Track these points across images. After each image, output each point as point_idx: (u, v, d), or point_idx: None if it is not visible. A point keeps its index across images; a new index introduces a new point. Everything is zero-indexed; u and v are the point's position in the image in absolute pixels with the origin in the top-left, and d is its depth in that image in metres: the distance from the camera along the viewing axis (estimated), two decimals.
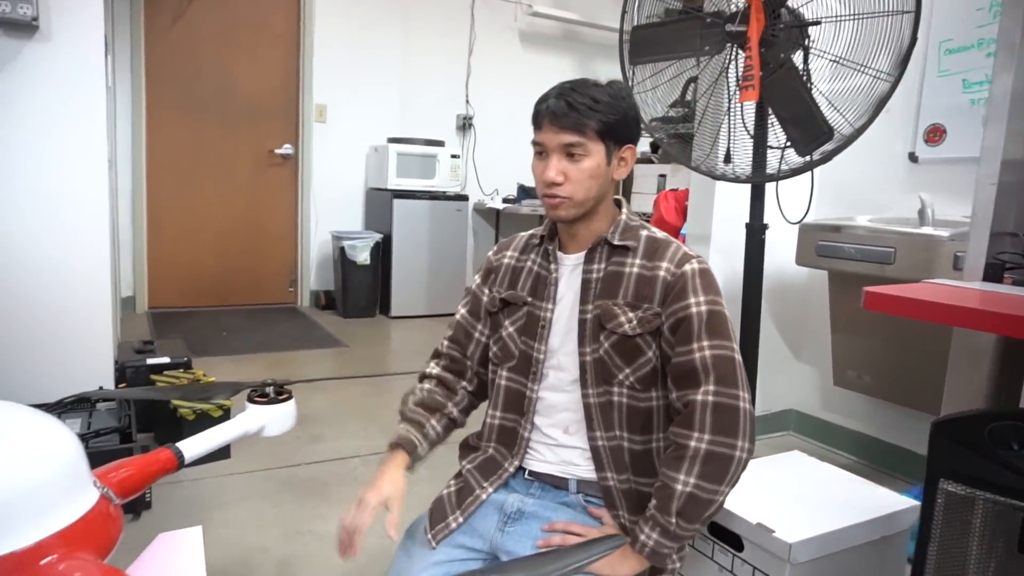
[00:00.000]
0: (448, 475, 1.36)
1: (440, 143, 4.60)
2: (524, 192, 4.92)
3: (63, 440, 0.90)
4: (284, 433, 1.43)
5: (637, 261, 1.24)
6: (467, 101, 5.03)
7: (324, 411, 2.67)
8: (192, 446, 1.26)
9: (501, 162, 5.13)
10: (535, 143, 1.23)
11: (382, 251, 4.38)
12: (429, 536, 1.33)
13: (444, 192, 4.56)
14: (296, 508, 1.94)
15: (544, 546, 1.21)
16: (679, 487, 1.11)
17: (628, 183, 4.42)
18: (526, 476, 1.33)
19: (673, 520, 1.13)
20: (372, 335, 4.08)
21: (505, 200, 4.93)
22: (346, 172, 4.68)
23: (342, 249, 4.29)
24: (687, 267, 1.20)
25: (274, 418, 1.41)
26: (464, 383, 1.41)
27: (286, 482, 2.09)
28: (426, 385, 1.41)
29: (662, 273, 1.20)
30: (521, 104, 5.11)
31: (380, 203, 4.51)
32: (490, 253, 1.44)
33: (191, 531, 1.15)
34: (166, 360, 2.29)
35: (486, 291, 1.39)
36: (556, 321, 1.29)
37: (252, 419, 1.38)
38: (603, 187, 1.26)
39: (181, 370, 2.31)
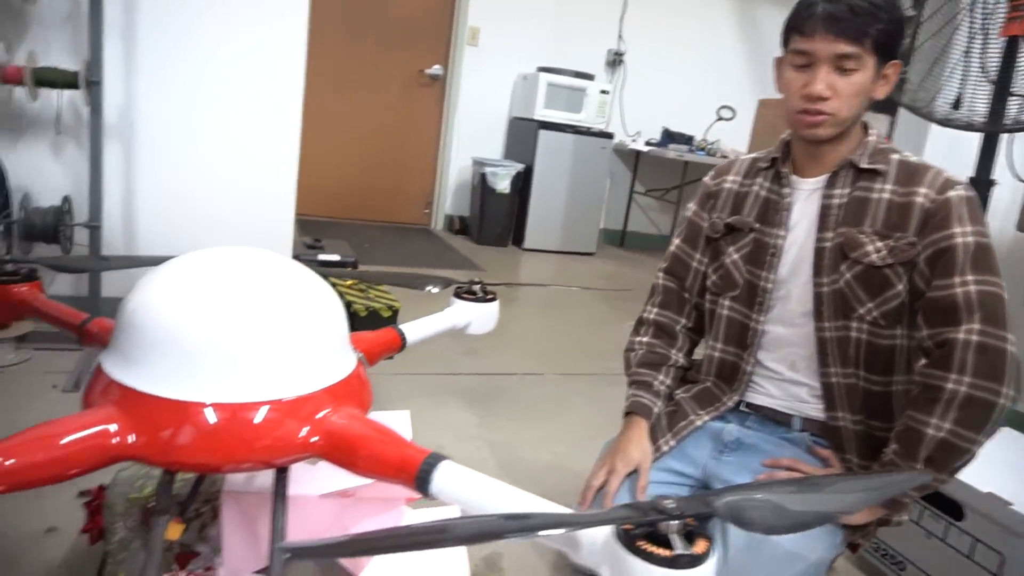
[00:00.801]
0: None
1: (590, 76, 4.46)
2: (669, 136, 4.73)
3: (337, 299, 0.90)
4: (486, 333, 1.41)
5: (888, 186, 1.12)
6: (620, 36, 4.84)
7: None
8: (413, 330, 1.26)
9: (648, 103, 4.94)
10: (797, 51, 1.11)
11: (522, 182, 4.33)
12: None
13: (589, 128, 4.44)
14: (462, 413, 1.96)
15: (768, 480, 1.15)
16: (931, 431, 1.02)
17: None
18: (742, 408, 1.27)
19: (919, 467, 1.04)
20: (506, 263, 4.07)
21: (648, 143, 4.76)
22: (491, 98, 4.62)
23: (483, 176, 4.27)
24: (951, 193, 1.07)
25: (480, 316, 1.39)
26: (683, 320, 1.35)
27: (449, 388, 2.11)
28: (644, 338, 1.37)
29: (919, 199, 1.09)
30: (675, 45, 4.93)
31: (524, 133, 4.45)
32: (706, 178, 1.35)
33: (401, 413, 1.15)
34: (336, 257, 2.34)
35: (705, 216, 1.31)
36: (788, 249, 1.20)
37: (460, 314, 1.37)
38: (864, 107, 1.14)
39: (349, 268, 2.36)
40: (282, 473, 0.85)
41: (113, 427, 0.74)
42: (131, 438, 0.74)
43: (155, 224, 2.06)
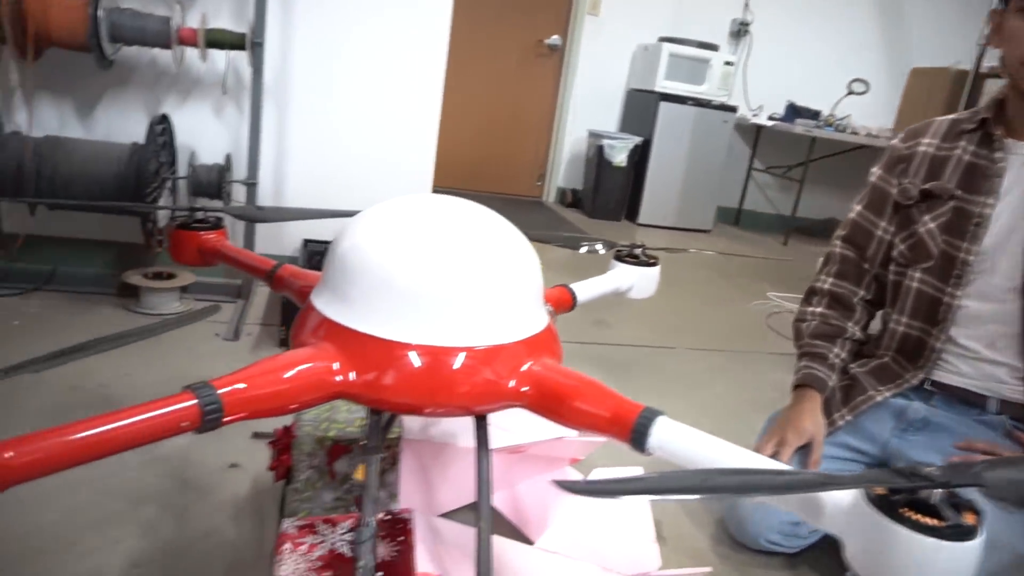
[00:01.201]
0: None
1: (714, 47, 4.29)
2: (794, 111, 4.50)
3: (534, 253, 0.89)
4: (646, 298, 1.38)
5: None
6: (746, 5, 4.63)
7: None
8: (582, 290, 1.24)
9: (773, 75, 4.72)
10: None
11: (639, 155, 4.24)
12: None
13: (711, 101, 4.28)
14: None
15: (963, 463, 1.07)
16: None
17: None
18: (927, 386, 1.19)
19: None
20: (619, 237, 4.00)
21: (771, 118, 4.56)
22: (610, 70, 4.53)
23: (599, 148, 4.21)
24: None
25: (642, 280, 1.36)
26: (860, 292, 1.27)
27: (579, 356, 2.09)
28: (817, 308, 1.30)
29: None
30: (805, 14, 4.68)
31: (643, 105, 4.34)
32: (895, 141, 1.26)
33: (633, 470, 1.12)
34: None
35: (894, 182, 1.22)
36: (996, 219, 1.10)
37: (624, 277, 1.35)
38: None
39: None
40: (482, 421, 0.85)
41: (335, 365, 0.76)
42: (352, 376, 0.76)
43: (302, 184, 2.13)
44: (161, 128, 1.83)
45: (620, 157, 4.18)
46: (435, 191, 4.35)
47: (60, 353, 0.59)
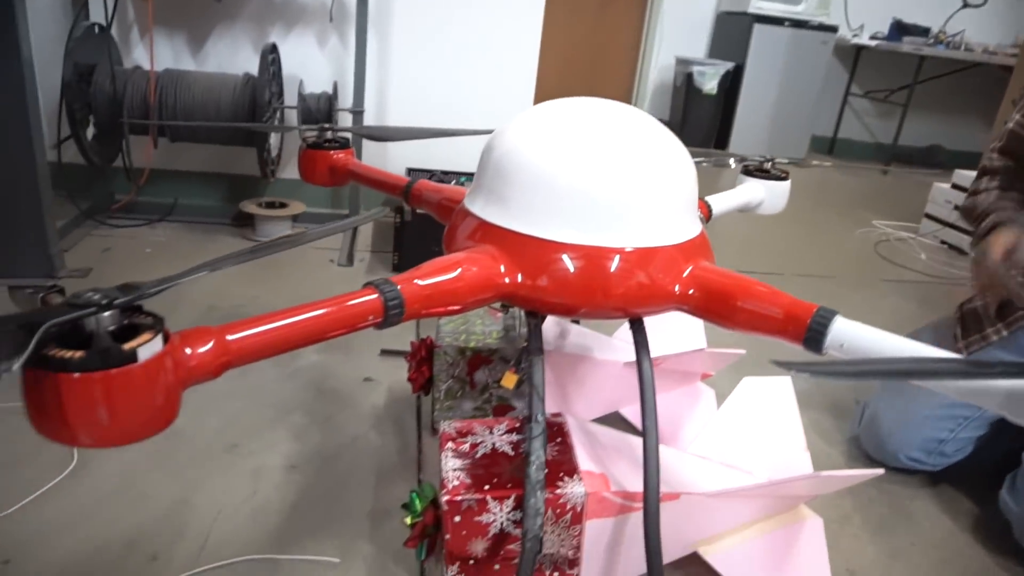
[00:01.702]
0: None
1: None
2: (900, 29, 4.21)
3: (690, 158, 0.86)
4: (776, 212, 1.33)
5: None
6: None
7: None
8: (716, 202, 1.20)
9: None
10: None
11: (730, 81, 4.06)
12: (960, 344, 1.18)
13: (808, 21, 4.04)
14: None
15: None
16: None
17: None
18: None
19: None
20: (709, 168, 3.88)
21: (873, 37, 4.27)
22: None
23: (688, 76, 4.05)
24: None
25: (772, 194, 1.31)
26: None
27: None
28: (992, 186, 1.21)
29: None
30: None
31: (734, 29, 4.13)
32: None
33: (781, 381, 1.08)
34: None
35: None
36: None
37: (754, 190, 1.30)
38: None
39: None
40: (640, 324, 0.84)
41: (502, 267, 0.76)
42: (519, 277, 0.76)
43: (403, 112, 2.12)
44: (272, 58, 1.85)
45: (710, 84, 4.01)
46: None
47: (199, 267, 0.60)
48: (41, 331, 0.44)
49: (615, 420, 1.19)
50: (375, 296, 0.67)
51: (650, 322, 1.16)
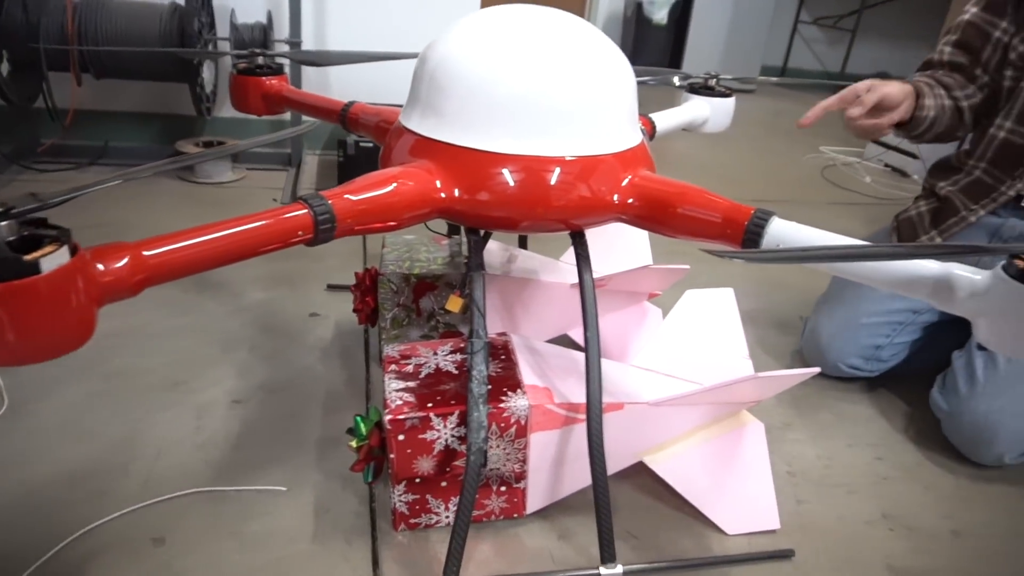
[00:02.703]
0: None
1: None
2: None
3: (629, 66, 0.84)
4: (720, 131, 1.33)
5: None
6: None
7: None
8: (661, 120, 1.19)
9: None
10: None
11: (679, 11, 4.00)
12: None
13: None
14: None
15: None
16: None
17: None
18: (1023, 203, 1.14)
19: None
20: (664, 97, 3.86)
21: None
22: None
23: (638, 6, 3.98)
24: None
25: (716, 112, 1.30)
26: (970, 91, 1.17)
27: None
28: (925, 72, 1.19)
29: None
30: None
31: None
32: None
33: (725, 291, 1.08)
34: None
35: None
36: None
37: (699, 108, 1.29)
38: None
39: None
40: (581, 237, 0.83)
41: (438, 182, 0.74)
42: (456, 192, 0.74)
43: (343, 43, 2.04)
44: None
45: (660, 14, 3.95)
46: None
47: (112, 178, 0.57)
48: None
49: (565, 343, 1.19)
50: (304, 211, 0.65)
51: (597, 244, 1.16)
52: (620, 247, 1.24)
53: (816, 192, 2.39)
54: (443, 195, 0.74)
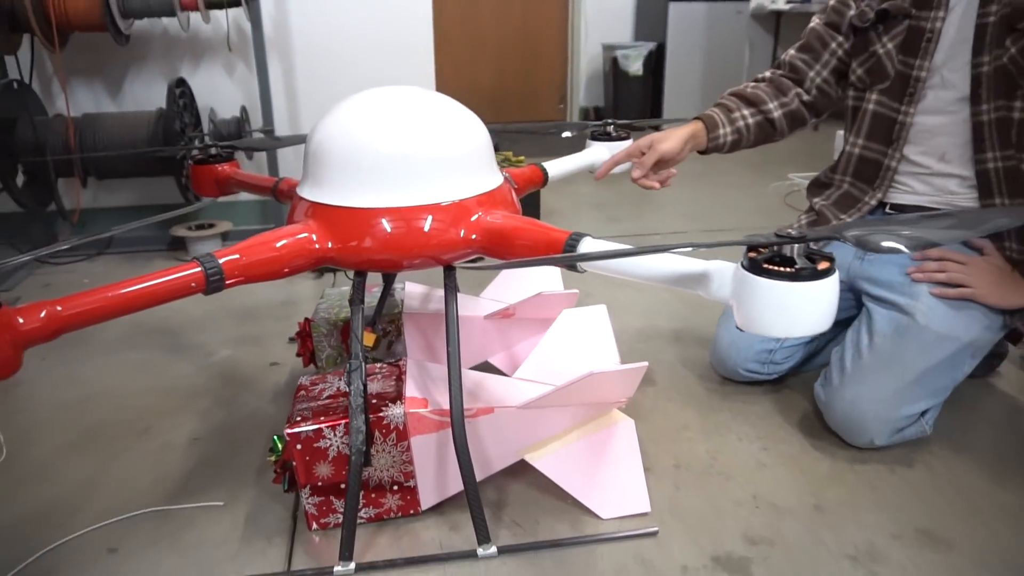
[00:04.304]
0: None
1: None
2: None
3: (483, 127, 1.01)
4: (620, 172, 1.48)
5: None
6: None
7: (612, 199, 2.76)
8: (554, 167, 1.36)
9: None
10: None
11: (655, 61, 4.23)
12: None
13: None
14: None
15: (917, 272, 1.16)
16: None
17: None
18: (887, 211, 1.26)
19: None
20: None
21: (790, 2, 4.43)
22: None
23: (614, 60, 4.21)
24: None
25: (613, 154, 1.46)
26: (799, 90, 1.33)
27: None
28: (753, 84, 1.37)
29: None
30: None
31: (653, 10, 4.30)
32: None
33: (598, 308, 1.23)
34: None
35: (852, 5, 1.26)
36: (945, 32, 1.14)
37: (596, 153, 1.45)
38: None
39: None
40: (451, 271, 0.99)
41: (313, 236, 0.91)
42: (329, 244, 0.91)
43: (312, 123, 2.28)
44: (180, 91, 2.00)
45: (635, 66, 4.18)
46: None
47: (25, 255, 0.76)
48: None
49: (486, 368, 1.34)
50: (198, 269, 0.82)
51: (514, 281, 1.32)
52: (534, 284, 1.38)
53: (775, 219, 2.51)
54: (317, 246, 0.91)
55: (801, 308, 0.70)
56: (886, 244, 0.65)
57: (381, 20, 2.24)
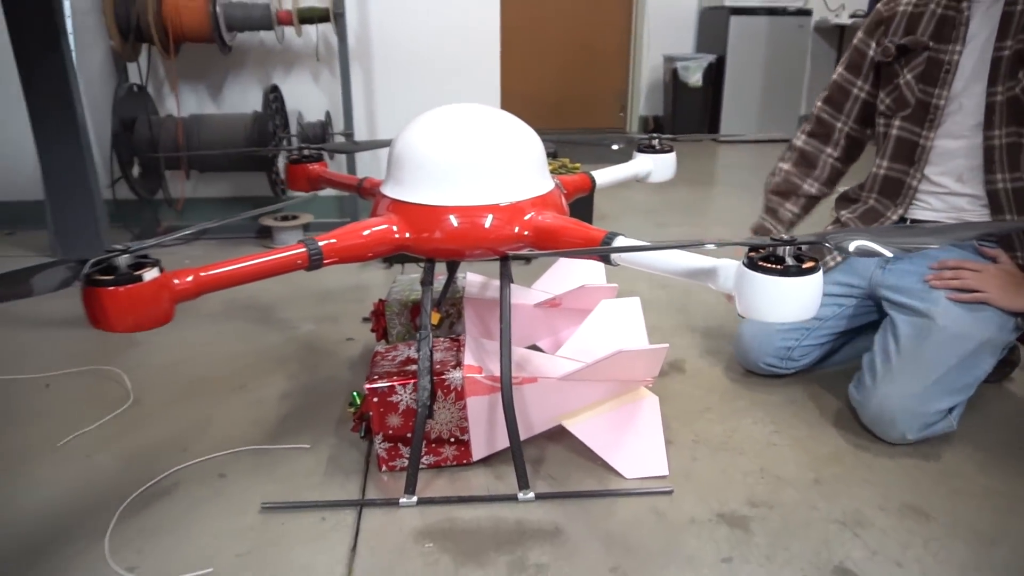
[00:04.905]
0: None
1: None
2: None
3: (538, 139, 1.19)
4: (665, 180, 1.64)
5: None
6: None
7: (662, 205, 2.90)
8: (602, 175, 1.53)
9: None
10: None
11: (715, 73, 4.33)
12: None
13: (784, 8, 4.28)
14: None
15: (935, 280, 1.28)
16: None
17: None
18: (908, 225, 1.39)
19: None
20: (702, 155, 4.16)
21: (853, 16, 4.47)
22: None
23: (674, 71, 4.34)
24: None
25: (659, 166, 1.62)
26: (828, 150, 1.48)
27: None
28: (785, 165, 1.53)
29: None
30: None
31: (715, 22, 4.41)
32: (879, 5, 1.42)
33: (632, 300, 1.40)
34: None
35: (873, 44, 1.40)
36: (963, 64, 1.26)
37: (641, 164, 1.61)
38: None
39: (551, 159, 2.67)
40: (506, 261, 1.17)
41: (394, 227, 1.11)
42: (407, 234, 1.11)
43: (389, 128, 2.50)
44: (273, 96, 2.25)
45: (695, 77, 4.29)
46: None
47: (176, 238, 0.98)
48: (88, 264, 0.81)
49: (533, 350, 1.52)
50: (303, 249, 1.03)
51: (560, 274, 1.50)
52: (580, 278, 1.56)
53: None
54: (397, 236, 1.11)
55: (788, 299, 0.86)
56: (852, 246, 0.81)
57: (453, 34, 2.45)
